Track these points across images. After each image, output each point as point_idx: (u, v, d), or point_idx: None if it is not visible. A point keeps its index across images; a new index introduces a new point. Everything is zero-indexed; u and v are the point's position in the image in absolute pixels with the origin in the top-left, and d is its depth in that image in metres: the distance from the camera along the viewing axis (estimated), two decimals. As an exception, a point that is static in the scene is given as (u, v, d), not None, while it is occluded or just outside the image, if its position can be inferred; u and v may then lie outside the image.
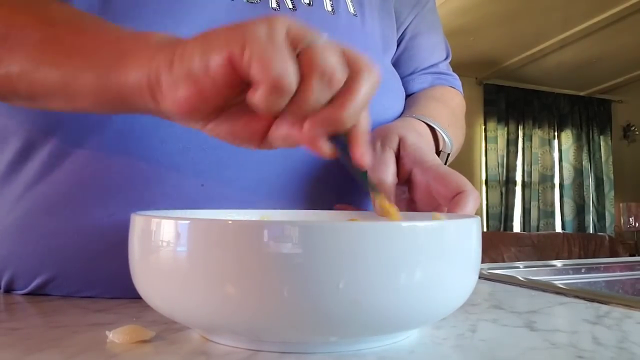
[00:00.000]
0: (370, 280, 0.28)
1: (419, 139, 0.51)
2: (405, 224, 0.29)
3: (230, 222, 0.29)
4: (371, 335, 0.32)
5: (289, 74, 0.30)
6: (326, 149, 0.33)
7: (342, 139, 0.34)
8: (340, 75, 0.31)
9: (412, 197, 0.50)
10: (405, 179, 0.50)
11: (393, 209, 0.40)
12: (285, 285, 0.27)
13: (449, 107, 0.66)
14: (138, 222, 0.32)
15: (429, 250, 0.29)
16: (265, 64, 0.29)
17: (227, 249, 0.28)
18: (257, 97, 0.30)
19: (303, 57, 0.31)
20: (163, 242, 0.30)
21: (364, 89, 0.32)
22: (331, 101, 0.32)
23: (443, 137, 0.58)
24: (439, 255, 0.30)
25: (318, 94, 0.31)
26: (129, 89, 0.35)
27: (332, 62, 0.31)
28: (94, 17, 0.42)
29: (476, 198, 0.45)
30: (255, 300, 0.28)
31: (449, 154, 0.59)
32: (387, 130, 0.52)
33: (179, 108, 0.32)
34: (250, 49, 0.30)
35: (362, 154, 0.34)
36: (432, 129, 0.57)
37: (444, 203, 0.46)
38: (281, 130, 0.33)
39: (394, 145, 0.50)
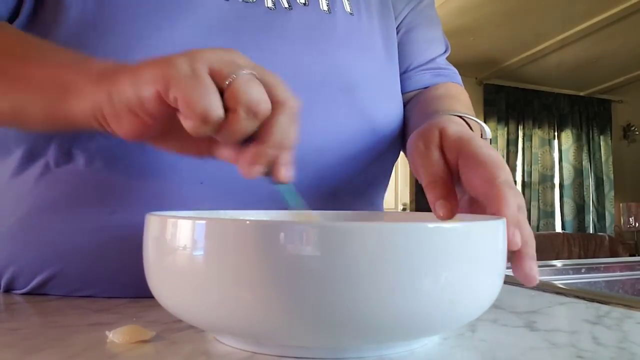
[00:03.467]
0: (395, 283, 0.27)
1: (459, 127, 0.45)
2: (431, 225, 0.28)
3: (248, 222, 0.28)
4: (394, 341, 0.31)
5: (213, 108, 0.32)
6: (257, 173, 0.36)
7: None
8: (263, 107, 0.33)
9: (468, 193, 0.42)
10: (457, 174, 0.42)
11: None
12: (305, 289, 0.26)
13: (460, 101, 0.62)
14: (153, 222, 0.32)
15: (457, 253, 0.28)
16: (189, 102, 0.32)
17: (245, 250, 0.27)
18: (187, 127, 0.33)
19: (228, 90, 0.33)
20: (179, 243, 0.29)
21: (284, 120, 0.34)
22: (259, 130, 0.34)
23: (478, 124, 0.53)
24: (466, 257, 0.29)
25: (245, 125, 0.33)
26: (77, 119, 0.38)
27: (255, 96, 0.33)
28: (36, 42, 0.43)
29: (516, 194, 0.37)
30: (272, 304, 0.27)
31: (490, 139, 0.53)
32: (427, 129, 0.46)
33: (125, 136, 0.36)
34: (175, 86, 0.32)
35: (284, 173, 0.36)
36: (464, 121, 0.52)
37: (481, 199, 0.38)
38: (222, 152, 0.37)
39: (436, 140, 0.44)
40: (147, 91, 0.33)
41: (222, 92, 0.33)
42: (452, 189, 0.41)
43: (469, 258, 0.29)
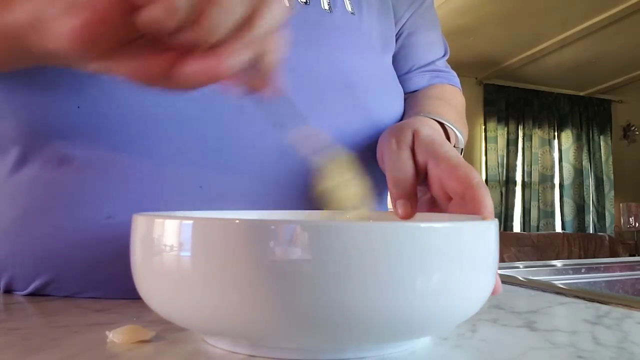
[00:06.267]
0: (387, 285, 0.26)
1: (432, 131, 0.48)
2: (423, 224, 0.28)
3: (237, 221, 0.27)
4: (388, 342, 0.30)
5: None
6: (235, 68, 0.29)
7: None
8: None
9: (431, 194, 0.45)
10: (424, 175, 0.45)
11: None
12: (294, 290, 0.26)
13: (451, 104, 0.64)
14: (140, 222, 0.32)
15: (449, 253, 0.28)
16: None
17: (233, 250, 0.27)
18: (150, 18, 0.25)
19: None
20: (166, 244, 0.29)
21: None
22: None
23: (454, 132, 0.56)
24: (458, 257, 0.29)
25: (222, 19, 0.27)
26: (14, 29, 0.32)
27: None
28: None
29: (489, 194, 0.40)
30: (261, 306, 0.27)
31: (462, 149, 0.57)
32: (400, 127, 0.49)
33: (69, 42, 0.28)
34: None
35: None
36: (442, 126, 0.55)
37: (456, 199, 0.41)
38: (190, 67, 0.28)
39: (409, 140, 0.47)
40: None
41: None
42: (415, 190, 0.44)
43: (460, 258, 0.29)
